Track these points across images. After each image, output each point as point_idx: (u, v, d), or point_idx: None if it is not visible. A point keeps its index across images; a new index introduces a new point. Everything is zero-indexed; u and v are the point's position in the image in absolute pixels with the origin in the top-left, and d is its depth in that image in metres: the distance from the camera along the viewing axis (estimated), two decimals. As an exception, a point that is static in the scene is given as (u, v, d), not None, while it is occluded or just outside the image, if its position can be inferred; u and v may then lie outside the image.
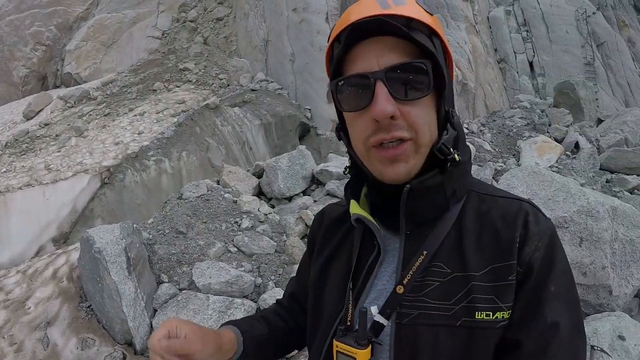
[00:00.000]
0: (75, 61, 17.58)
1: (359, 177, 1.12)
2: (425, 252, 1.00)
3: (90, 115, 13.16)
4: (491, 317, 0.95)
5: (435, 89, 0.99)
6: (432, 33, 1.00)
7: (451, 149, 1.01)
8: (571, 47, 16.71)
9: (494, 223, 1.02)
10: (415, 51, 0.97)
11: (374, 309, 1.02)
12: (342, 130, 1.12)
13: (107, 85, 15.49)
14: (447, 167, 1.01)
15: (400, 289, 1.00)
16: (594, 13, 18.24)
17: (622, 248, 3.96)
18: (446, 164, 1.00)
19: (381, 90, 0.93)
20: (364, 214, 1.06)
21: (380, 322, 1.00)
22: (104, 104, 13.87)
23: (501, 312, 0.95)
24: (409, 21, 0.97)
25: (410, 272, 1.00)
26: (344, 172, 1.15)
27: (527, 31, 16.98)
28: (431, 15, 1.03)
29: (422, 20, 0.98)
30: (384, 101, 0.93)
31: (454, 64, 1.01)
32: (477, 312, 0.95)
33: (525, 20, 17.15)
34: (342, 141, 1.13)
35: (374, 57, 0.97)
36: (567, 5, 17.62)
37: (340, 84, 1.01)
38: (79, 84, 16.70)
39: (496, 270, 0.97)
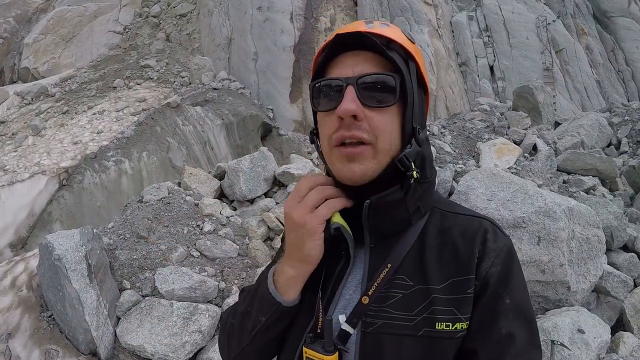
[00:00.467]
0: (34, 55, 17.00)
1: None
2: (389, 265, 1.06)
3: (48, 112, 12.82)
4: (451, 327, 1.01)
5: (401, 103, 1.06)
6: (409, 57, 1.08)
7: (412, 164, 1.04)
8: (531, 53, 17.15)
9: (454, 239, 1.08)
10: (390, 68, 1.05)
11: (341, 318, 1.06)
12: (317, 135, 1.18)
13: (66, 82, 15.10)
14: (409, 184, 1.04)
15: (365, 300, 1.05)
16: (554, 21, 18.75)
17: (578, 246, 4.11)
18: (408, 180, 1.04)
19: (350, 92, 1.01)
20: (345, 224, 1.09)
21: (347, 330, 1.05)
22: (62, 101, 13.52)
23: (460, 323, 1.02)
24: (389, 42, 1.05)
25: (375, 284, 1.05)
26: None
27: (488, 36, 17.34)
28: (413, 43, 1.11)
29: (401, 43, 1.06)
30: (348, 101, 1.00)
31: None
32: (437, 323, 1.01)
33: (487, 25, 17.51)
34: (314, 145, 1.19)
35: (350, 66, 1.05)
36: (528, 13, 18.08)
37: (317, 85, 1.09)
38: (37, 79, 16.16)
39: (456, 284, 1.03)
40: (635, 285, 4.78)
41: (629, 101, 17.56)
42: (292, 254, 1.10)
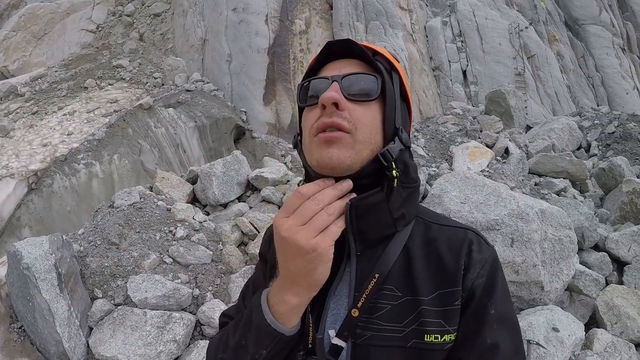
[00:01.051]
0: (4, 53, 16.55)
1: None
2: (377, 275, 1.05)
3: (17, 113, 12.52)
4: (439, 339, 1.02)
5: (382, 103, 1.09)
6: (392, 69, 1.13)
7: (394, 162, 1.05)
8: (503, 58, 17.41)
9: (440, 250, 1.08)
10: (373, 72, 1.09)
11: (331, 333, 1.05)
12: (300, 139, 1.18)
13: (36, 81, 14.76)
14: (390, 185, 1.04)
15: (355, 313, 1.04)
16: (526, 27, 19.08)
17: (551, 247, 4.19)
18: (388, 179, 1.04)
19: (334, 85, 1.05)
20: None
21: (339, 344, 1.04)
22: (32, 101, 13.23)
23: (449, 335, 1.03)
24: (375, 54, 1.13)
25: (364, 295, 1.04)
26: (298, 185, 1.15)
27: (462, 41, 17.54)
28: (398, 62, 1.17)
29: (387, 56, 1.14)
30: (331, 90, 1.03)
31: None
32: (426, 335, 1.02)
33: (460, 31, 17.71)
34: (296, 149, 1.19)
35: (337, 69, 1.10)
36: (501, 19, 18.35)
37: (305, 84, 1.14)
38: (6, 78, 15.75)
39: (443, 296, 1.04)
40: (607, 283, 4.91)
41: (598, 106, 18.03)
42: (297, 281, 1.01)
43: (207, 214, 5.98)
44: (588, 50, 21.34)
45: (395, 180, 1.04)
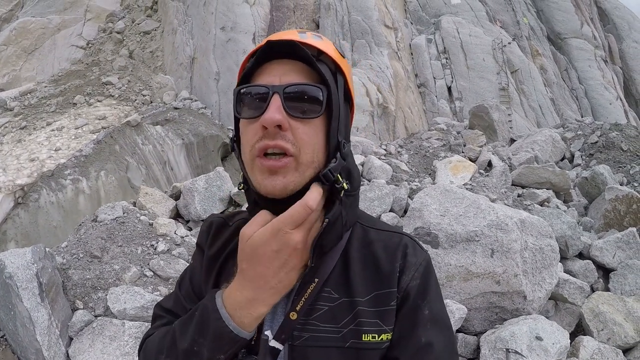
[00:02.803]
0: (-6, 67, 16.71)
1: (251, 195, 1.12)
2: (317, 280, 1.06)
3: (6, 127, 12.59)
4: (377, 338, 1.04)
5: (326, 116, 1.05)
6: (337, 70, 1.08)
7: (340, 178, 1.03)
8: (487, 74, 17.67)
9: (377, 254, 1.11)
10: (317, 79, 1.04)
11: (268, 334, 1.06)
12: (237, 142, 1.14)
13: (26, 96, 14.84)
14: (341, 197, 1.04)
15: (293, 315, 1.04)
16: (509, 43, 19.44)
17: (532, 256, 4.19)
18: (339, 194, 1.04)
19: (275, 101, 0.98)
20: None
21: (276, 347, 1.05)
22: (21, 116, 13.31)
23: (385, 334, 1.05)
24: (320, 53, 1.06)
25: (303, 299, 1.05)
26: (238, 188, 1.16)
27: (446, 58, 17.80)
28: (343, 57, 1.12)
29: (331, 56, 1.07)
30: (274, 110, 0.97)
31: (375, 87, 1.09)
32: (364, 335, 1.04)
33: (445, 48, 17.98)
34: (234, 153, 1.14)
35: (278, 75, 1.03)
36: (484, 36, 18.64)
37: (241, 92, 1.05)
38: (-4, 92, 15.88)
39: (379, 297, 1.07)
40: (593, 291, 4.93)
41: (582, 117, 18.27)
42: (275, 286, 1.00)
43: (190, 229, 6.01)
44: (571, 63, 21.72)
45: (343, 191, 1.04)
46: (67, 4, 19.04)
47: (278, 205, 1.01)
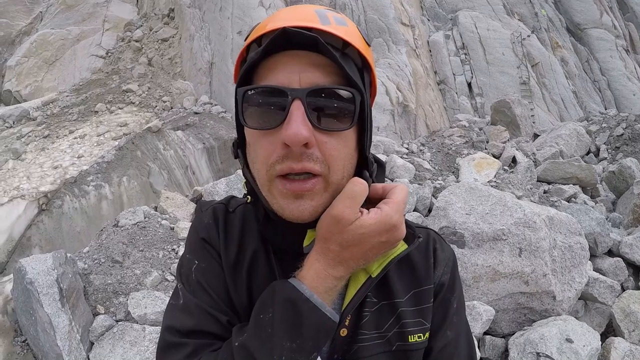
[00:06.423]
0: (16, 78, 16.99)
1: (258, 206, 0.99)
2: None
3: (29, 136, 12.83)
4: (422, 338, 1.02)
5: (358, 125, 0.91)
6: (364, 65, 0.93)
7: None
8: (507, 68, 17.45)
9: (409, 251, 1.03)
10: (342, 74, 0.87)
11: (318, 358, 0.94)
12: (240, 147, 1.00)
13: (48, 105, 15.11)
14: None
15: (344, 332, 0.96)
16: (528, 36, 19.20)
17: (561, 255, 4.06)
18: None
19: (298, 111, 0.81)
20: None
21: None
22: (44, 125, 13.55)
23: (427, 332, 1.04)
24: (346, 46, 0.88)
25: (350, 313, 0.95)
26: (246, 202, 1.04)
27: (465, 54, 17.65)
28: (369, 46, 0.96)
29: (359, 49, 0.90)
30: (299, 123, 0.80)
31: (395, 86, 0.97)
32: (410, 336, 1.00)
33: (463, 43, 17.83)
34: (239, 160, 1.01)
35: (296, 72, 0.85)
36: (503, 29, 18.41)
37: (249, 93, 0.86)
38: (19, 102, 16.14)
39: (418, 295, 1.04)
40: (623, 289, 4.73)
41: (606, 109, 17.93)
42: (368, 261, 0.91)
43: (210, 232, 6.00)
44: (592, 54, 21.36)
45: None
46: (86, 15, 19.36)
47: (299, 225, 0.91)
